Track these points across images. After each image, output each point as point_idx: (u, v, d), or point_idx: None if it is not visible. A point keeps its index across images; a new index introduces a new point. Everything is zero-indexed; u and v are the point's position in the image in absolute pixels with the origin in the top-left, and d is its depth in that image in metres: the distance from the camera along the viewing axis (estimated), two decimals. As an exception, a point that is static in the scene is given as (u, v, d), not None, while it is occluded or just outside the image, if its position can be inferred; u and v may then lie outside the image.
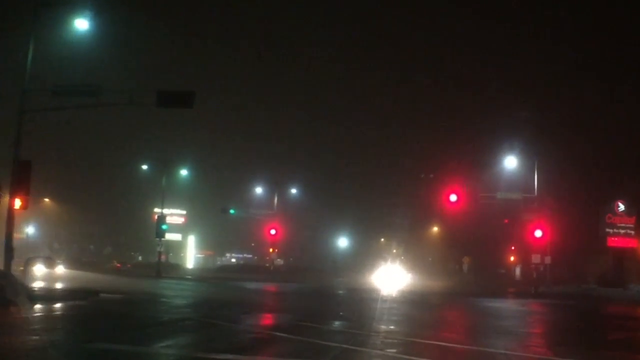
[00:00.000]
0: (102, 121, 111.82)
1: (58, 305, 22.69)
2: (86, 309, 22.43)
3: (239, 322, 18.70)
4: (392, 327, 19.61)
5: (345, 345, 13.99)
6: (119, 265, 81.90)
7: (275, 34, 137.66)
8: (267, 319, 21.68)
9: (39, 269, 48.84)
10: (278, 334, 16.27)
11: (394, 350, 13.71)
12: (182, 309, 24.20)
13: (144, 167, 67.85)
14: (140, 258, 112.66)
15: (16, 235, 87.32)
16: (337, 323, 19.81)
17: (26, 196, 25.99)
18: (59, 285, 35.23)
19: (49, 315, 19.67)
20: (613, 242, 56.94)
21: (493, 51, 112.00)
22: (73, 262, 70.12)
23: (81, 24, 27.27)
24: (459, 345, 15.15)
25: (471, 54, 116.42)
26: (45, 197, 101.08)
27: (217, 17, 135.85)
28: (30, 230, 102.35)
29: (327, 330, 17.31)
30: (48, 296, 25.21)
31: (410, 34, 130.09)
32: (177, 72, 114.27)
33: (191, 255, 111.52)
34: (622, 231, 57.12)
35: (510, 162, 50.45)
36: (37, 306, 21.42)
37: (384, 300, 34.48)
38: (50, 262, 51.80)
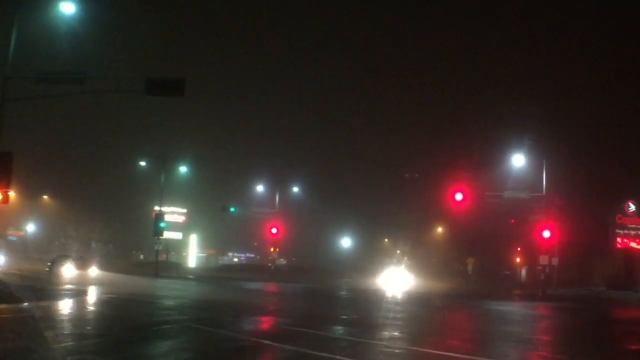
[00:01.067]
0: (100, 116, 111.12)
1: (26, 305, 20.90)
2: (67, 310, 20.77)
3: (224, 327, 17.07)
4: (394, 333, 18.24)
5: (339, 357, 12.49)
6: None
7: (277, 29, 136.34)
8: (258, 324, 20.04)
9: (67, 269, 44.03)
10: (265, 341, 14.76)
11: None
12: (167, 311, 22.66)
13: (143, 163, 66.52)
14: (142, 257, 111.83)
15: (16, 233, 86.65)
16: (334, 328, 18.30)
17: (7, 189, 24.45)
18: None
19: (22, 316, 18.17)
20: (623, 243, 55.67)
21: (502, 48, 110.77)
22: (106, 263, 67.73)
23: (67, 8, 25.84)
24: (467, 356, 13.62)
25: (479, 51, 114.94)
26: (44, 194, 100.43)
27: (217, 9, 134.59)
28: (30, 227, 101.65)
29: (322, 337, 15.78)
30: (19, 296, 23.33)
31: (413, 31, 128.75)
32: (172, 64, 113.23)
33: (193, 254, 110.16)
34: (632, 232, 55.83)
35: (518, 161, 48.93)
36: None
37: (387, 302, 33.35)
38: (82, 263, 46.92)
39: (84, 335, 14.68)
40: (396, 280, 63.29)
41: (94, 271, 47.40)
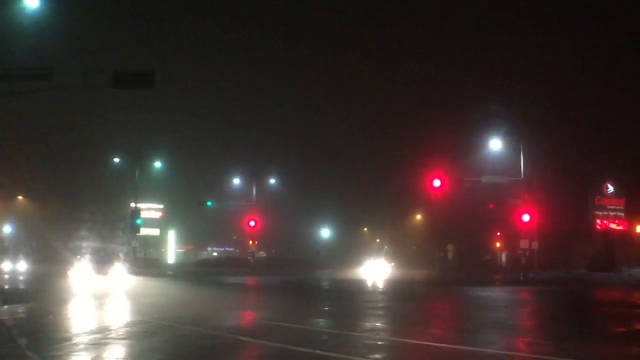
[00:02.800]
0: (71, 112, 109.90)
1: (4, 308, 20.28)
2: (33, 313, 20.00)
3: (201, 324, 16.48)
4: (376, 324, 17.82)
5: (318, 352, 12.01)
6: None
7: (250, 18, 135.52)
8: (236, 319, 19.48)
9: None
10: (243, 338, 14.20)
11: (378, 356, 11.83)
12: (144, 309, 21.93)
13: (116, 160, 65.80)
14: (121, 255, 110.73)
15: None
16: (314, 321, 17.82)
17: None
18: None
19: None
20: (602, 224, 55.74)
21: (477, 34, 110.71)
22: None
23: (31, 2, 25.18)
24: (450, 346, 13.23)
25: (454, 37, 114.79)
26: (19, 195, 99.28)
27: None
28: (6, 229, 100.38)
29: (301, 331, 15.29)
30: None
31: (388, 19, 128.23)
32: (143, 57, 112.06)
33: (172, 250, 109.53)
34: (611, 213, 55.92)
35: (495, 145, 48.70)
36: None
37: (368, 292, 33.03)
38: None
39: (52, 339, 14.06)
40: (376, 270, 63.11)
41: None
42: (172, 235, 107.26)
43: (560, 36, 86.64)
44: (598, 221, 56.02)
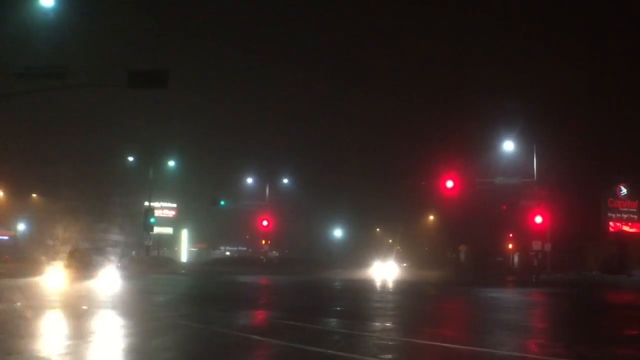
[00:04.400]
0: (86, 112, 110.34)
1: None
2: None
3: (213, 323, 16.59)
4: (387, 324, 17.83)
5: (330, 351, 12.05)
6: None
7: (263, 19, 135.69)
8: (248, 318, 19.55)
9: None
10: (255, 337, 14.27)
11: (389, 356, 11.89)
12: (156, 307, 22.13)
13: (130, 159, 66.02)
14: (134, 253, 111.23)
15: (7, 232, 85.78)
16: (326, 321, 17.87)
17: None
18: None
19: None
20: (616, 227, 55.49)
21: (490, 35, 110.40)
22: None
23: (46, 1, 25.35)
24: (462, 347, 13.23)
25: (468, 39, 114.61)
26: (33, 193, 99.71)
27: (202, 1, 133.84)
28: (21, 227, 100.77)
29: (313, 331, 15.36)
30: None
31: (403, 22, 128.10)
32: (157, 57, 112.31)
33: (185, 249, 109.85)
34: (624, 215, 55.71)
35: (508, 146, 48.66)
36: None
37: (380, 292, 33.03)
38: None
39: (68, 336, 14.18)
40: (388, 270, 63.09)
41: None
42: (185, 234, 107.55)
43: (574, 37, 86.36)
44: (611, 223, 55.80)
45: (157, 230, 68.04)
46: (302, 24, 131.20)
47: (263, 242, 67.67)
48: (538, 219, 46.60)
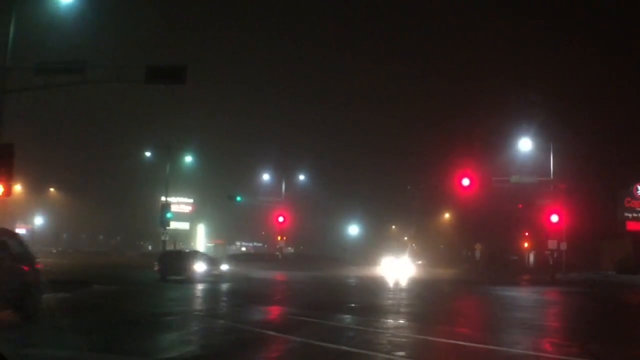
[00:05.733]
0: (104, 107, 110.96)
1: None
2: (66, 303, 20.29)
3: (229, 318, 16.78)
4: (401, 321, 17.88)
5: (345, 348, 12.13)
6: None
7: (283, 15, 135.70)
8: (263, 313, 19.66)
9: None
10: (269, 332, 14.33)
11: (402, 353, 11.95)
12: (170, 302, 22.30)
13: (148, 154, 66.25)
14: (150, 247, 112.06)
15: (25, 226, 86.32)
16: (340, 317, 17.92)
17: (9, 182, 24.07)
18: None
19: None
20: (632, 226, 55.13)
21: (507, 33, 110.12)
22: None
23: (65, -3, 25.53)
24: (476, 345, 13.24)
25: (484, 36, 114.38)
26: (51, 187, 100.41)
27: None
28: (38, 220, 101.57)
29: (327, 327, 15.46)
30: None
31: (418, 19, 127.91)
32: (175, 52, 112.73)
33: (201, 245, 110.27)
34: (641, 215, 55.30)
35: (525, 145, 48.42)
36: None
37: (395, 290, 33.04)
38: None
39: (84, 330, 14.28)
40: (403, 267, 63.09)
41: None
42: (201, 230, 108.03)
43: (592, 35, 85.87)
44: (628, 223, 55.47)
45: (173, 225, 68.26)
46: (322, 20, 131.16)
47: (279, 238, 67.81)
48: (554, 218, 46.43)
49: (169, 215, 58.60)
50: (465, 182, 45.66)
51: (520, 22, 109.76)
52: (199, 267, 36.47)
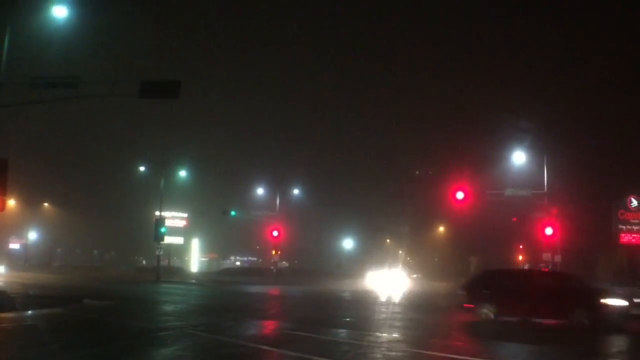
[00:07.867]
0: (98, 122, 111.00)
1: (30, 313, 20.69)
2: (58, 319, 20.24)
3: (223, 333, 16.69)
4: (395, 335, 17.83)
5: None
6: None
7: (274, 30, 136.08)
8: (258, 328, 19.60)
9: None
10: (264, 347, 14.29)
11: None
12: (164, 317, 22.20)
13: (142, 168, 66.22)
14: (144, 262, 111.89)
15: (18, 241, 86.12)
16: (334, 331, 17.90)
17: (2, 197, 23.98)
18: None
19: (15, 325, 17.84)
20: (626, 239, 55.10)
21: (502, 46, 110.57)
22: None
23: (59, 12, 25.49)
24: (470, 358, 13.24)
25: (477, 50, 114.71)
26: (45, 202, 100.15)
27: (213, 11, 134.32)
28: (32, 235, 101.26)
29: (322, 342, 15.44)
30: (24, 303, 23.02)
31: (410, 30, 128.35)
32: (169, 67, 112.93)
33: (195, 259, 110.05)
34: (635, 227, 55.23)
35: (519, 158, 48.47)
36: (9, 315, 19.59)
37: (389, 303, 32.94)
38: None
39: (76, 346, 14.23)
40: (398, 281, 62.98)
41: None
42: (196, 244, 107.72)
43: (585, 47, 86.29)
44: (622, 235, 55.48)
45: (167, 239, 68.03)
46: (313, 34, 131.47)
47: (273, 252, 67.60)
48: (548, 231, 46.45)
49: (163, 229, 58.46)
50: (460, 195, 45.67)
51: (516, 31, 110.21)
52: None
